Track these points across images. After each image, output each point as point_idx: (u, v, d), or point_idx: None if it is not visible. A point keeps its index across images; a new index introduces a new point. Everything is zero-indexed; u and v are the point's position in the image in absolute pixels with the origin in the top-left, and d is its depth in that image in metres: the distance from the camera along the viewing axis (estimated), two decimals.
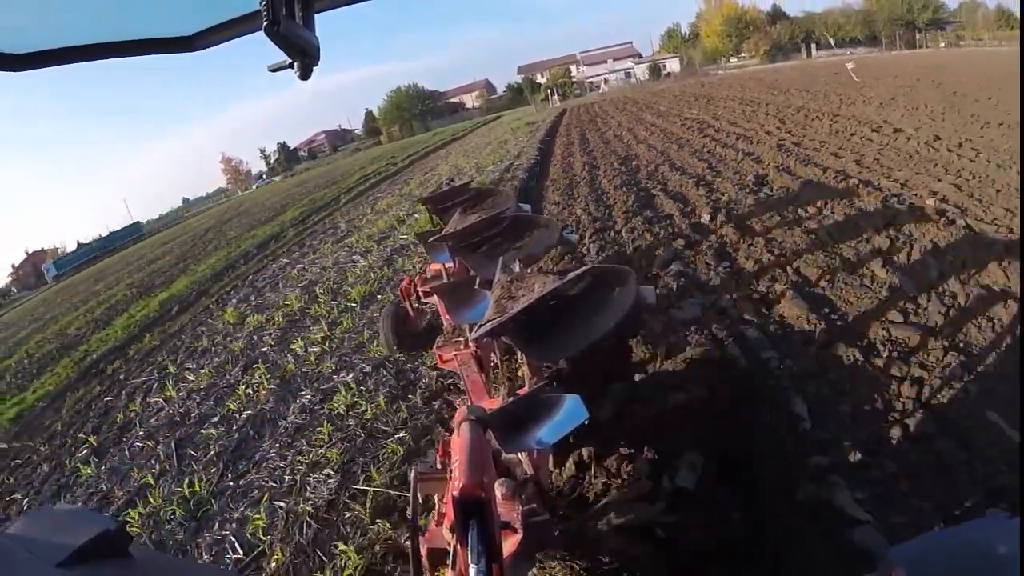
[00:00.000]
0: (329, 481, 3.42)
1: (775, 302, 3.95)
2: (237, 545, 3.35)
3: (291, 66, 1.02)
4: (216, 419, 4.93)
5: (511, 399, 1.99)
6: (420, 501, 1.73)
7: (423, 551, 1.65)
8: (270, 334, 6.36)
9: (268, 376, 5.19)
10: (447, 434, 1.90)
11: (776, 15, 51.26)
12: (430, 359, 4.33)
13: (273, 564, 3.04)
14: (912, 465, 2.54)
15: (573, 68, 62.00)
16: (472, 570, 1.18)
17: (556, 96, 48.00)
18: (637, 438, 2.68)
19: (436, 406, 3.75)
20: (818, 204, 5.82)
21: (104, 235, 56.14)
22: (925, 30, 51.27)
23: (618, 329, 1.59)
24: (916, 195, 5.83)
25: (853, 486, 2.39)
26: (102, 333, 12.20)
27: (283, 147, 74.99)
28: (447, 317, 2.57)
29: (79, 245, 66.77)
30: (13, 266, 65.63)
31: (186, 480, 4.14)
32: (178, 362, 6.97)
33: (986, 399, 2.79)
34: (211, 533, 3.58)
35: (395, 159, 29.63)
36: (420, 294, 4.14)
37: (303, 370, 5.10)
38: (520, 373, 2.51)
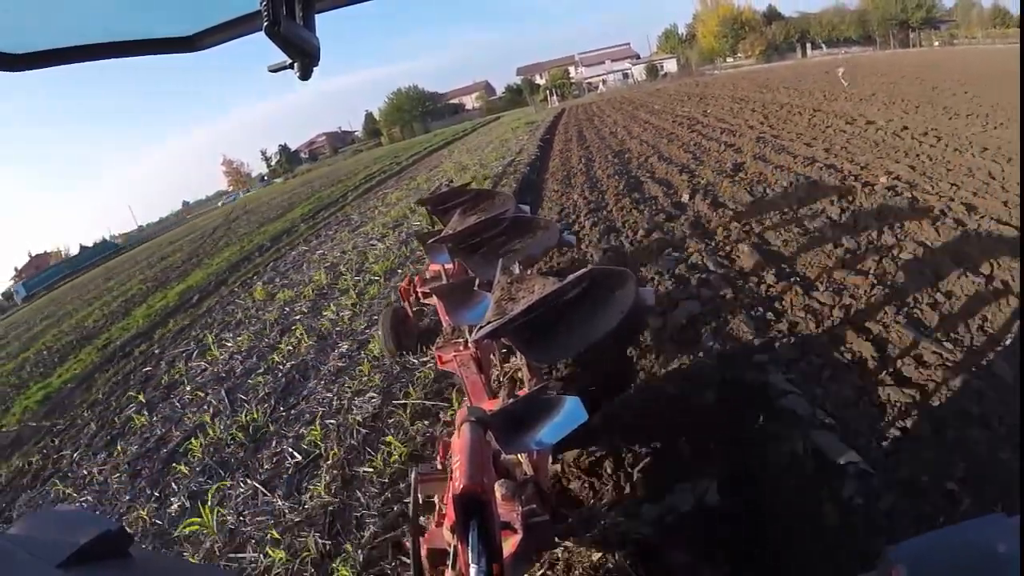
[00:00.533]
0: (373, 400, 4.20)
1: (735, 255, 4.74)
2: (296, 453, 4.11)
3: (291, 66, 1.04)
4: (261, 370, 5.71)
5: (511, 400, 2.03)
6: (421, 502, 1.77)
7: (423, 551, 1.67)
8: (302, 305, 7.15)
9: (306, 335, 5.96)
10: (447, 435, 1.93)
11: (771, 16, 52.35)
12: None
13: (329, 461, 3.81)
14: (833, 360, 3.32)
15: (572, 69, 63.00)
16: (472, 570, 1.20)
17: (555, 97, 48.98)
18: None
19: None
20: (784, 184, 6.62)
21: (74, 253, 56.04)
22: (919, 29, 52.12)
23: (618, 330, 1.64)
24: (872, 175, 6.63)
25: (785, 372, 3.17)
26: (122, 323, 12.76)
27: (284, 149, 75.84)
28: (446, 318, 2.59)
29: (81, 248, 67.53)
30: (16, 269, 66.63)
31: (242, 414, 4.89)
32: (214, 333, 7.74)
33: (903, 316, 3.55)
34: (269, 449, 4.34)
35: (398, 159, 30.44)
36: (419, 295, 4.17)
37: (338, 328, 5.89)
38: (519, 374, 2.52)
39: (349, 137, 78.75)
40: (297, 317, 6.80)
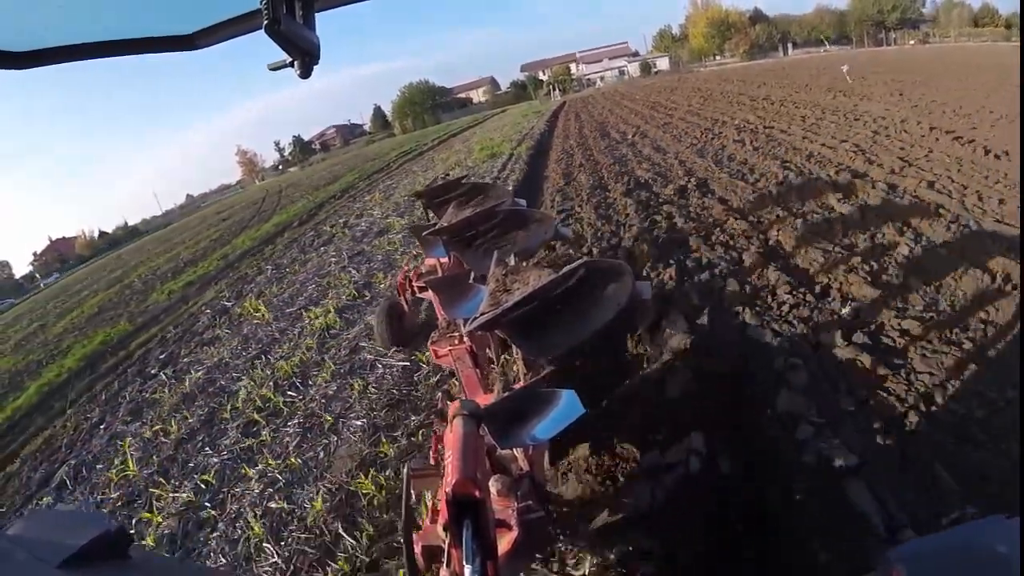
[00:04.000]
0: None
1: (641, 149, 10.81)
2: None
3: (291, 65, 1.09)
4: (411, 211, 11.59)
5: (506, 394, 2.04)
6: (414, 498, 1.82)
7: (418, 549, 1.70)
8: (404, 209, 13.07)
9: None
10: (441, 429, 1.97)
11: (756, 17, 58.66)
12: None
13: None
14: (663, 171, 9.30)
15: (573, 66, 69.25)
16: (467, 570, 1.23)
17: (557, 91, 55.23)
18: None
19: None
20: (685, 126, 12.69)
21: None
22: (894, 29, 57.93)
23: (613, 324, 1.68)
24: (733, 120, 12.63)
25: (645, 168, 9.16)
26: (222, 251, 16.98)
27: (297, 139, 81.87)
28: (442, 312, 2.76)
29: (100, 234, 72.24)
30: (35, 254, 69.05)
31: (411, 219, 10.77)
32: (355, 214, 13.58)
33: (697, 155, 9.51)
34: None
35: (422, 142, 36.33)
36: (415, 289, 4.25)
37: None
38: (515, 368, 2.62)
39: (358, 129, 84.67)
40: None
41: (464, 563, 1.23)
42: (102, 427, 5.85)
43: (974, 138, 7.43)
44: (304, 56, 1.07)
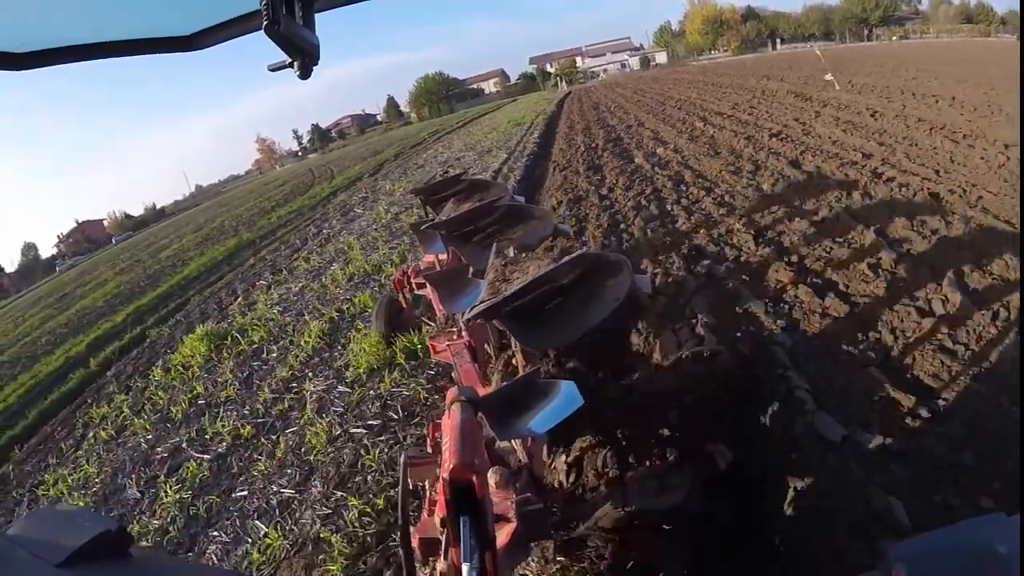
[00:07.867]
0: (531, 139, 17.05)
1: (616, 112, 17.80)
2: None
3: (291, 65, 1.13)
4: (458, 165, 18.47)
5: (504, 383, 2.08)
6: (411, 488, 1.80)
7: (414, 541, 1.71)
8: (467, 150, 19.94)
9: (478, 144, 18.81)
10: (437, 417, 2.01)
11: (748, 15, 65.28)
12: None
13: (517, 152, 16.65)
14: (621, 122, 16.24)
15: (578, 59, 76.07)
16: (464, 566, 1.25)
17: (564, 83, 62.12)
18: None
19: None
20: (649, 102, 19.64)
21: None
22: (876, 26, 63.97)
23: (613, 317, 1.73)
24: (678, 97, 19.50)
25: (610, 108, 16.08)
26: (308, 193, 24.39)
27: (316, 128, 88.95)
28: (439, 306, 2.84)
29: (126, 216, 78.68)
30: (59, 236, 74.57)
31: (471, 152, 17.68)
32: (430, 156, 20.43)
33: (641, 108, 16.39)
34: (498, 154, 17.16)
35: (446, 125, 43.03)
36: (414, 285, 4.35)
37: (500, 138, 18.70)
38: (514, 362, 2.70)
39: (372, 119, 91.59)
40: (478, 146, 19.53)
41: (462, 555, 1.27)
42: (321, 234, 12.63)
43: (818, 98, 14.13)
44: (304, 57, 1.12)
